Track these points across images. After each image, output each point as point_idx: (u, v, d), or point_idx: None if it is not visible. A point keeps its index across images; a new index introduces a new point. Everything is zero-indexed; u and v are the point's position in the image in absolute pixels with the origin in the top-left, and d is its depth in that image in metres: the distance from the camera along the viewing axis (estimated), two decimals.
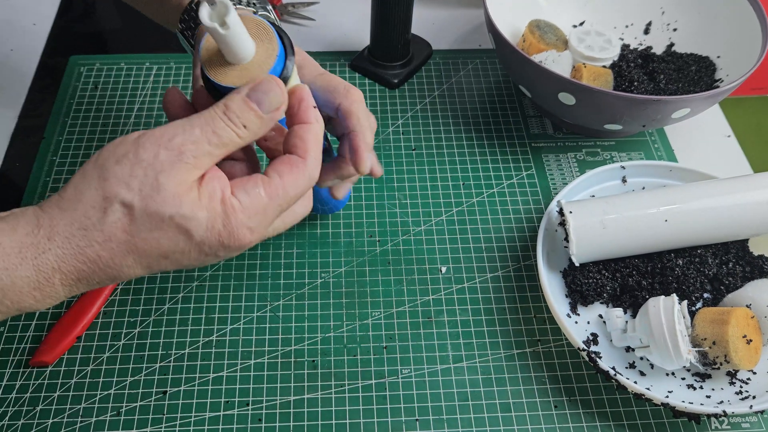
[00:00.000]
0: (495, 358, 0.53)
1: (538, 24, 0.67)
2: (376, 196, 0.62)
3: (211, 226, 0.36)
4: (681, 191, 0.55)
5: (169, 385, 0.51)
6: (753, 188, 0.54)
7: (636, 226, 0.53)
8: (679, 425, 0.50)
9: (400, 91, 0.71)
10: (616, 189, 0.61)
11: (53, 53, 0.74)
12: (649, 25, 0.72)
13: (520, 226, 0.61)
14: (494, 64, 0.74)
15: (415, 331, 0.54)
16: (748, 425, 0.50)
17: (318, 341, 0.53)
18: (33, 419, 0.49)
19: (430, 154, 0.66)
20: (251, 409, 0.50)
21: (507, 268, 0.58)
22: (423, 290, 0.56)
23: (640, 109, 0.58)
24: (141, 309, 0.54)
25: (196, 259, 0.37)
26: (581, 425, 0.49)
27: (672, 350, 0.47)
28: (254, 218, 0.37)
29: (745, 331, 0.48)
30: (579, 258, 0.53)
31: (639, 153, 0.66)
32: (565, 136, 0.68)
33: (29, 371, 0.51)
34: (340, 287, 0.56)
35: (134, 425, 0.49)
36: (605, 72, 0.63)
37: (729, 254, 0.56)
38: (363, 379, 0.51)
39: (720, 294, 0.54)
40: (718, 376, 0.50)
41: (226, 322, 0.54)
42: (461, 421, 0.49)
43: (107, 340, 0.53)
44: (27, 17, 0.78)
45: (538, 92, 0.62)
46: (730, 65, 0.65)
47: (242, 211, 0.36)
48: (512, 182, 0.64)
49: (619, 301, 0.54)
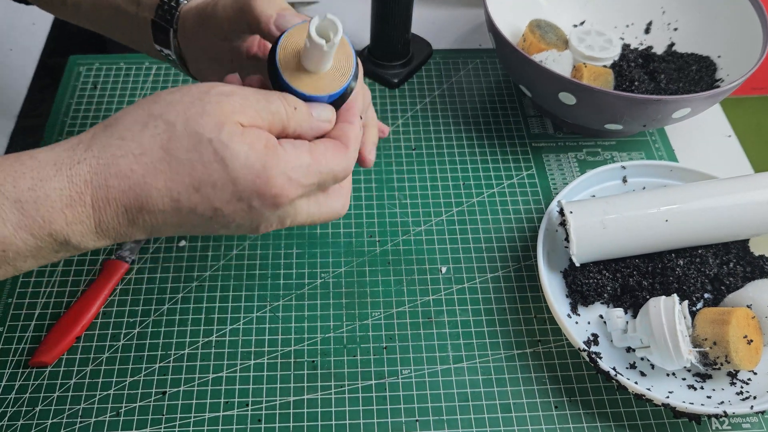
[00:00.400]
0: (495, 359, 0.53)
1: (538, 24, 0.67)
2: (376, 196, 0.62)
3: (250, 164, 0.35)
4: (681, 191, 0.55)
5: (168, 385, 0.50)
6: (754, 188, 0.54)
7: (636, 226, 0.53)
8: (680, 426, 0.50)
9: (400, 90, 0.71)
10: (616, 189, 0.61)
11: (53, 53, 0.74)
12: (650, 24, 0.72)
13: (521, 226, 0.61)
14: (494, 63, 0.74)
15: (415, 332, 0.54)
16: (748, 426, 0.50)
17: (318, 341, 0.53)
18: (32, 419, 0.48)
19: (430, 154, 0.66)
20: (251, 410, 0.49)
21: (507, 268, 0.58)
22: (423, 290, 0.56)
23: (641, 109, 0.57)
24: (140, 309, 0.54)
25: (228, 202, 0.36)
26: (581, 426, 0.49)
27: (672, 350, 0.47)
28: (295, 170, 0.37)
29: (745, 332, 0.48)
30: (579, 258, 0.53)
31: (639, 153, 0.66)
32: (566, 135, 0.68)
33: (28, 371, 0.51)
34: (340, 287, 0.56)
35: (134, 425, 0.48)
36: (606, 72, 0.63)
37: (730, 254, 0.56)
38: (363, 379, 0.51)
39: (721, 294, 0.54)
40: (719, 376, 0.50)
41: (226, 322, 0.54)
42: (461, 422, 0.49)
43: (107, 341, 0.52)
44: (26, 17, 0.78)
45: (539, 92, 0.62)
46: (731, 65, 0.65)
47: (284, 157, 0.36)
48: (512, 182, 0.64)
49: (619, 302, 0.54)
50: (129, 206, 0.35)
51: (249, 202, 0.36)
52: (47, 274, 0.56)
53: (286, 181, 0.36)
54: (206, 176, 0.35)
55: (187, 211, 0.36)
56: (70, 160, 0.34)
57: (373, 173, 0.64)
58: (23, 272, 0.37)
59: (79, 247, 0.36)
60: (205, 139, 0.35)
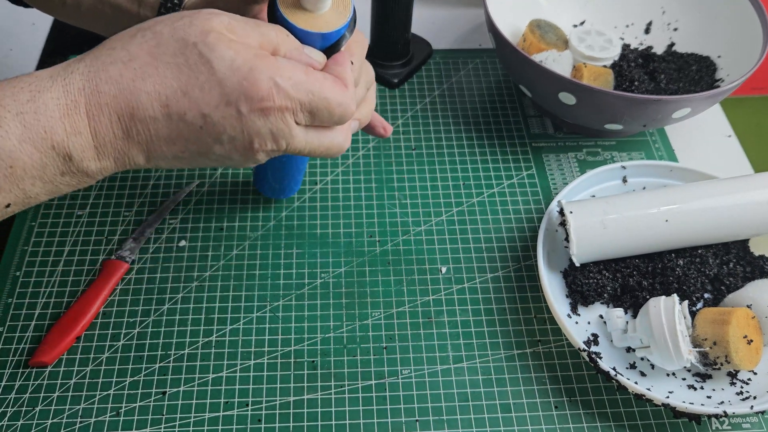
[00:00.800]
0: (495, 359, 0.53)
1: (538, 23, 0.67)
2: (376, 196, 0.62)
3: (236, 66, 0.36)
4: (681, 191, 0.55)
5: (168, 385, 0.50)
6: (754, 188, 0.54)
7: (636, 226, 0.53)
8: (680, 426, 0.50)
9: (400, 90, 0.71)
10: (616, 189, 0.61)
11: (53, 53, 0.74)
12: (650, 24, 0.72)
13: (521, 226, 0.61)
14: (494, 63, 0.74)
15: (415, 332, 0.54)
16: (748, 426, 0.50)
17: (318, 341, 0.53)
18: (32, 419, 0.48)
19: (430, 154, 0.66)
20: (251, 410, 0.49)
21: (507, 268, 0.58)
22: (423, 290, 0.56)
23: (641, 109, 0.57)
24: (140, 309, 0.54)
25: (216, 107, 0.36)
26: (581, 426, 0.49)
27: (672, 350, 0.47)
28: (284, 79, 0.36)
29: (745, 332, 0.48)
30: (579, 258, 0.53)
31: (639, 153, 0.66)
32: (566, 135, 0.68)
33: (28, 371, 0.51)
34: (340, 287, 0.56)
35: (133, 425, 0.48)
36: (606, 72, 0.63)
37: (730, 254, 0.56)
38: (363, 379, 0.51)
39: (721, 294, 0.54)
40: (719, 376, 0.50)
41: (226, 322, 0.54)
42: (461, 422, 0.49)
43: (107, 341, 0.52)
44: (26, 18, 0.78)
45: (539, 92, 0.62)
46: (731, 65, 0.65)
47: (275, 64, 0.36)
48: (512, 182, 0.64)
49: (619, 302, 0.54)
50: (121, 113, 0.36)
51: (237, 106, 0.36)
52: (47, 274, 0.56)
53: (273, 86, 0.36)
54: (193, 79, 0.36)
55: (177, 119, 0.37)
56: (65, 71, 0.36)
57: (373, 173, 0.64)
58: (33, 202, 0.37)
59: (81, 167, 0.37)
60: (191, 43, 0.36)
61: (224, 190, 0.62)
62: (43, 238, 0.58)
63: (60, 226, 0.59)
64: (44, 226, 0.59)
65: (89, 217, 0.59)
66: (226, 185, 0.62)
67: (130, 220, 0.59)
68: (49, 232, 0.58)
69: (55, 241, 0.58)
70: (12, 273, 0.56)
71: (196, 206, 0.61)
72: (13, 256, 0.57)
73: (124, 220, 0.59)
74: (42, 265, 0.56)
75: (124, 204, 0.60)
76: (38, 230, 0.58)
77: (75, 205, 0.60)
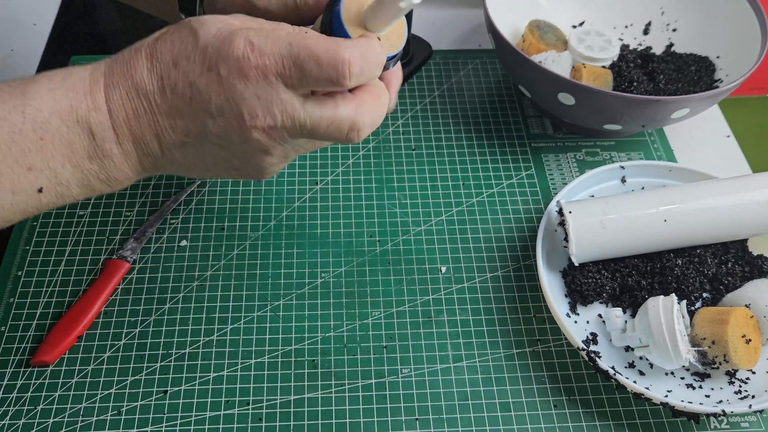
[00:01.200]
0: (495, 358, 0.53)
1: (537, 24, 0.67)
2: (376, 196, 0.62)
3: (219, 33, 0.37)
4: (680, 191, 0.55)
5: (169, 384, 0.51)
6: (752, 188, 0.54)
7: (635, 226, 0.53)
8: (679, 425, 0.50)
9: (400, 91, 0.71)
10: (615, 189, 0.61)
11: (54, 53, 0.75)
12: (649, 25, 0.72)
13: (520, 226, 0.61)
14: (494, 64, 0.75)
15: (415, 331, 0.54)
16: (747, 425, 0.50)
17: (318, 341, 0.53)
18: (34, 419, 0.49)
19: (430, 154, 0.66)
20: (251, 409, 0.50)
21: (507, 268, 0.58)
22: (423, 290, 0.56)
23: (640, 110, 0.58)
24: (141, 309, 0.54)
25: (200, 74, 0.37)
26: (581, 425, 0.50)
27: (671, 350, 0.47)
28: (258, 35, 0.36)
29: (744, 331, 0.48)
30: (578, 258, 0.53)
31: (638, 153, 0.67)
32: (565, 136, 0.68)
33: (30, 371, 0.51)
34: (340, 287, 0.56)
35: (135, 425, 0.49)
36: (605, 72, 0.63)
37: (728, 254, 0.56)
38: (363, 378, 0.51)
39: (719, 294, 0.54)
40: (718, 375, 0.50)
41: (227, 322, 0.54)
42: (461, 421, 0.49)
43: (108, 340, 0.53)
44: (27, 17, 0.78)
45: (538, 92, 0.63)
46: (730, 65, 0.65)
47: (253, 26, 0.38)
48: (512, 182, 0.64)
49: (618, 301, 0.54)
50: (128, 88, 0.38)
51: (217, 70, 0.37)
52: (48, 273, 0.56)
53: (247, 44, 0.36)
54: (182, 50, 0.38)
55: (171, 92, 0.38)
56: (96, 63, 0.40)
57: (373, 173, 0.64)
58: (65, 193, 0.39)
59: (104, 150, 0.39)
60: (187, 23, 0.38)
61: (225, 191, 0.62)
62: (44, 238, 0.58)
63: (61, 226, 0.59)
64: (46, 226, 0.59)
65: (91, 217, 0.60)
66: (226, 185, 0.62)
67: (131, 220, 0.60)
68: (50, 232, 0.58)
69: (56, 240, 0.58)
70: (13, 272, 0.56)
71: (197, 206, 0.61)
72: (15, 256, 0.57)
73: (125, 220, 0.60)
74: (43, 264, 0.56)
75: (126, 204, 0.61)
76: (40, 230, 0.59)
77: (76, 205, 0.60)
